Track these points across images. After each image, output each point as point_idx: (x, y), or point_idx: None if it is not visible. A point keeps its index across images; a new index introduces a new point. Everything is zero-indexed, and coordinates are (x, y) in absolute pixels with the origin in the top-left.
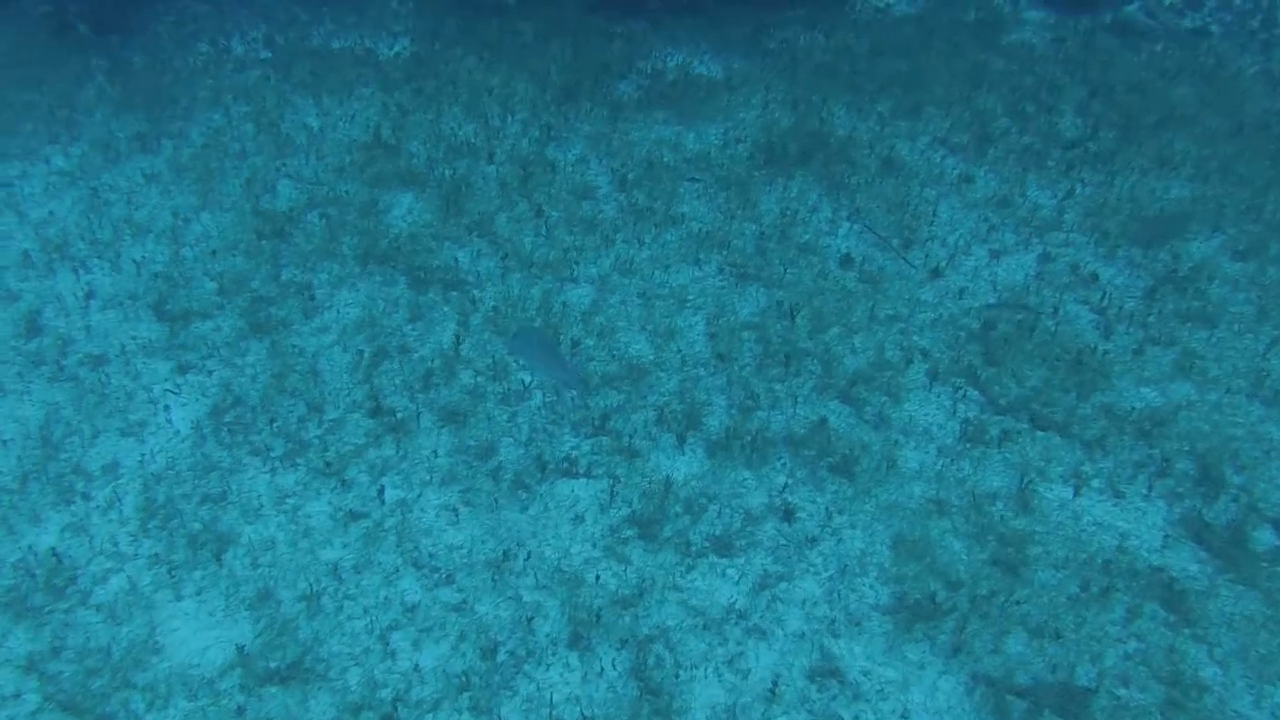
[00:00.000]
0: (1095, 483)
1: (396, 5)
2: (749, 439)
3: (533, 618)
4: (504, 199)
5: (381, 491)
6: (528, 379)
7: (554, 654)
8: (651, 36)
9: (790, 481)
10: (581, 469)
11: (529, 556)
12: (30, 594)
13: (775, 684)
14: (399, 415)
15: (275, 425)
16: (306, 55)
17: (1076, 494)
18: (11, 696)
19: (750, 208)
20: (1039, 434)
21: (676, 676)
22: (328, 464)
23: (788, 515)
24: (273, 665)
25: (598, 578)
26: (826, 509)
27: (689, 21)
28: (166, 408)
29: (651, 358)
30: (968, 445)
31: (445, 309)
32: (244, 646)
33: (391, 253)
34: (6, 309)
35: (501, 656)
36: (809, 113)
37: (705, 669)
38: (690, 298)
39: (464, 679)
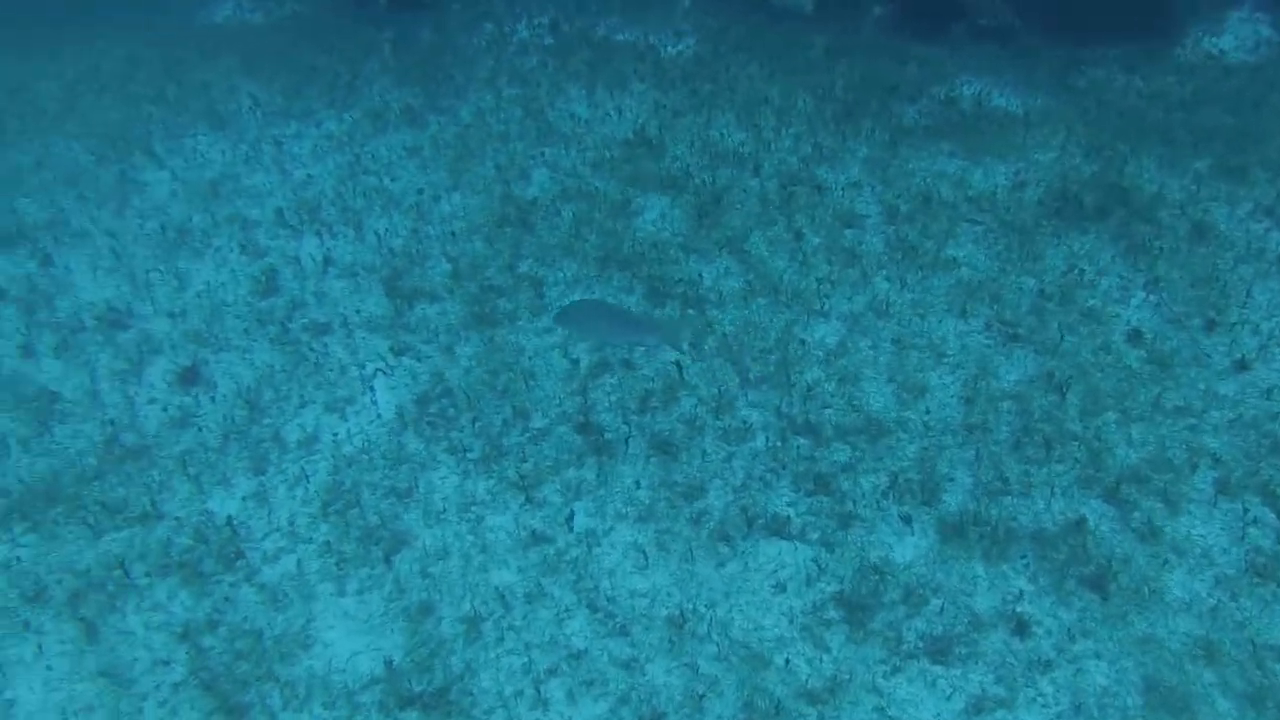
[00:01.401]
0: None
1: (688, 4)
2: (990, 528)
3: (705, 694)
4: (762, 216)
5: (571, 517)
6: (752, 417)
7: None
8: (948, 62)
9: (1030, 588)
10: (793, 530)
11: (715, 621)
12: (203, 559)
13: None
14: (607, 436)
15: (478, 425)
16: (588, 45)
17: None
18: (161, 663)
19: (1032, 260)
20: None
21: None
22: (522, 476)
23: (1021, 628)
24: (417, 689)
25: (788, 661)
26: (1069, 629)
27: (993, 50)
28: (373, 388)
29: (894, 415)
30: (1254, 581)
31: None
32: (393, 661)
33: (634, 258)
34: (250, 265)
35: None
36: (1113, 162)
37: None
38: (949, 353)
39: None
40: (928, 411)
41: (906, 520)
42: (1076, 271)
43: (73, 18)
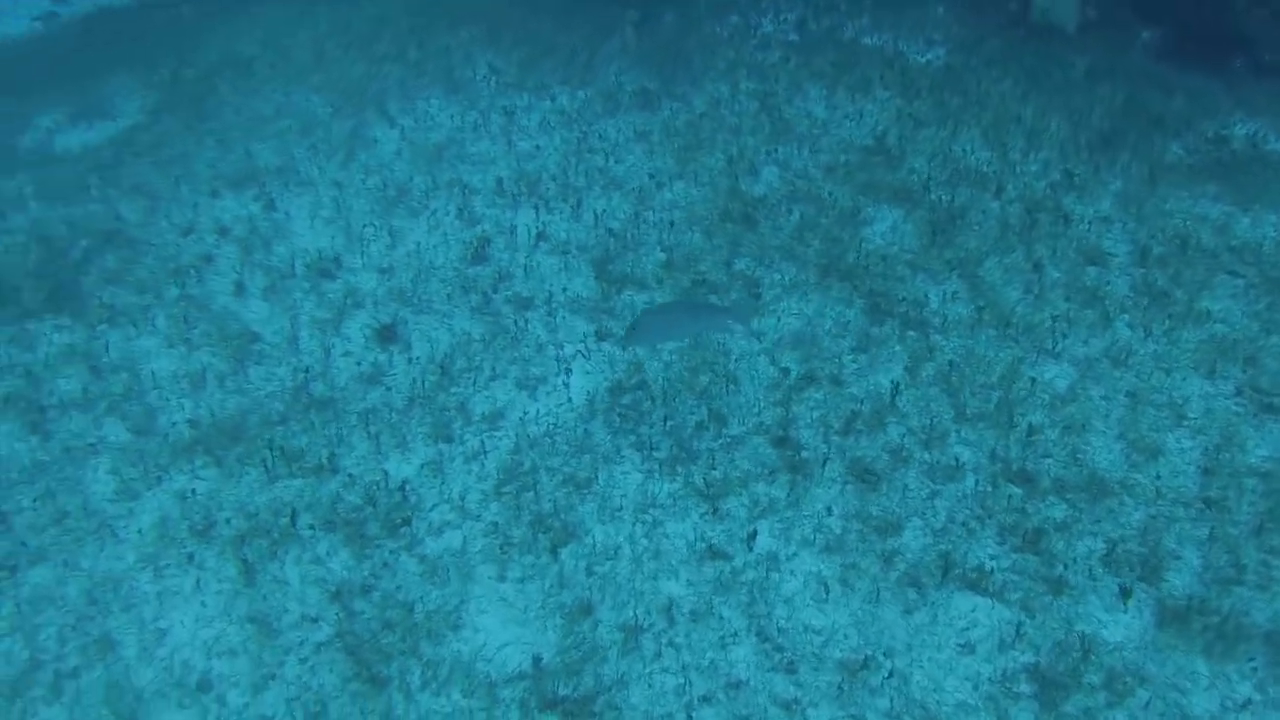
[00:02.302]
0: None
1: (942, 12)
2: (1217, 619)
3: None
4: (1000, 242)
5: (753, 536)
6: (964, 455)
7: None
8: (1222, 97)
9: (1258, 698)
10: (992, 586)
11: (892, 674)
12: (369, 521)
13: None
14: (804, 454)
15: (669, 424)
16: (833, 46)
17: None
18: (310, 619)
19: None
20: None
21: None
22: (708, 485)
23: None
24: (562, 693)
25: None
26: None
27: (1276, 89)
28: (569, 370)
29: (1121, 476)
30: None
31: (897, 348)
32: (541, 659)
33: (857, 270)
34: (463, 230)
35: None
36: None
37: None
38: (1191, 416)
39: None
40: (1159, 477)
41: (1124, 594)
42: None
43: None
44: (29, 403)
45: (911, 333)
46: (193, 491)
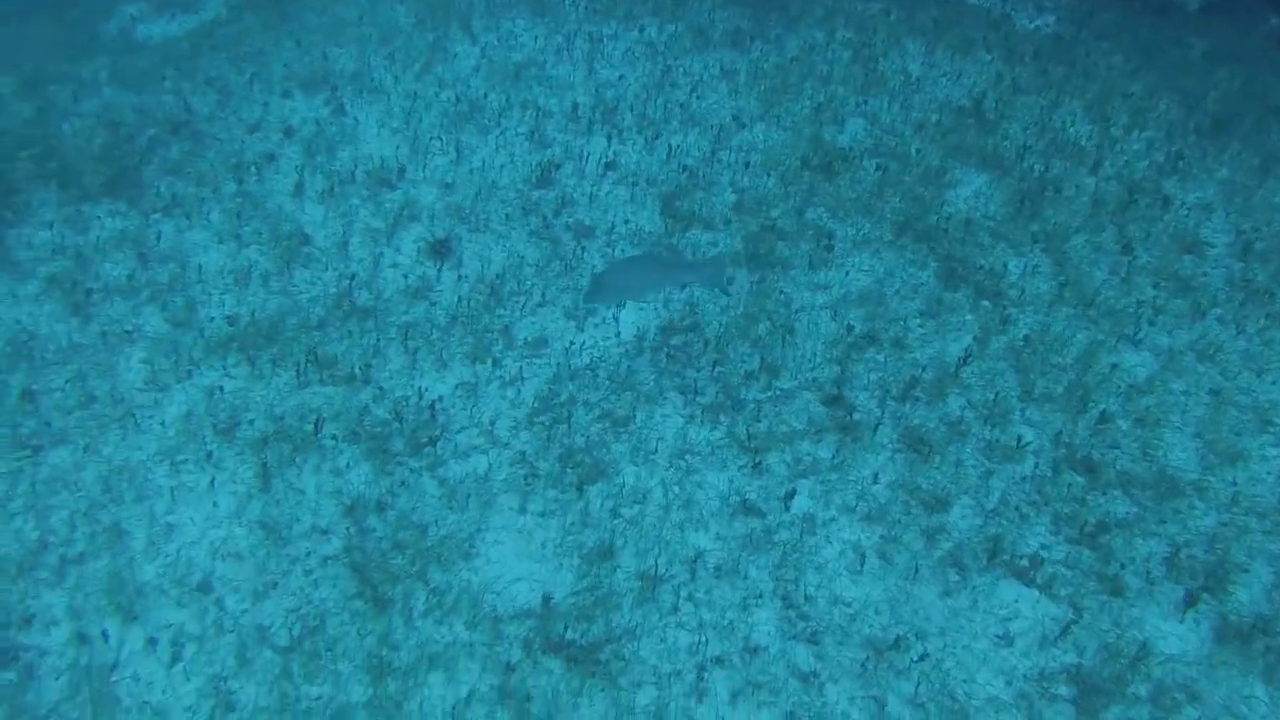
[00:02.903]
0: None
1: None
2: None
3: None
4: (1091, 219)
5: (791, 495)
6: (1026, 436)
7: None
8: None
9: None
10: (1040, 578)
11: (924, 657)
12: (393, 437)
13: None
14: (856, 416)
15: (718, 370)
16: (937, 3)
17: None
18: (320, 531)
19: None
20: None
21: None
22: (751, 437)
23: None
24: (569, 636)
25: None
26: None
27: None
28: (621, 304)
29: (1194, 477)
30: None
31: (968, 317)
32: (552, 599)
33: (935, 232)
34: (532, 153)
35: None
36: None
37: None
38: (1278, 422)
39: None
40: (1235, 483)
41: (1189, 602)
42: None
43: None
44: (74, 284)
45: (985, 302)
46: (221, 389)
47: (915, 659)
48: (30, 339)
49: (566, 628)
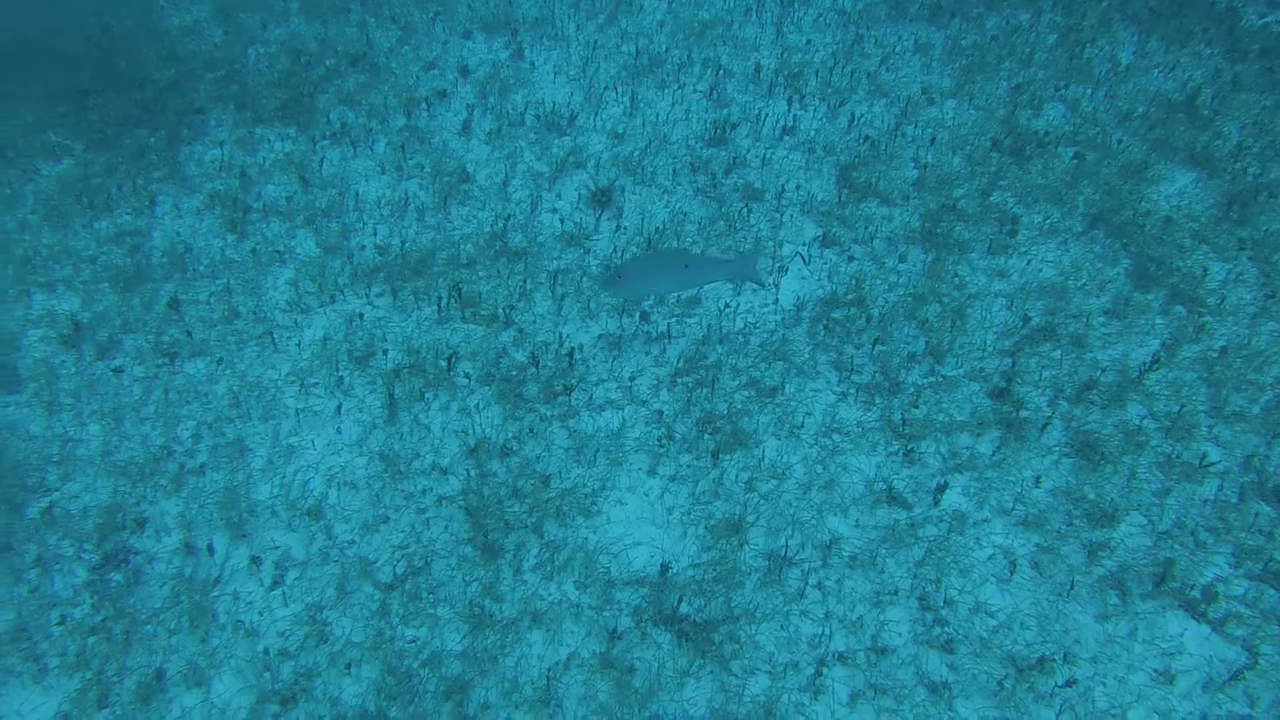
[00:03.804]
0: None
1: None
2: None
3: None
4: None
5: (943, 490)
6: (1212, 456)
7: None
8: None
9: None
10: (1214, 613)
11: (1071, 683)
12: (528, 382)
13: None
14: (1023, 413)
15: (879, 349)
16: None
17: None
18: (440, 470)
19: None
20: None
21: None
22: (906, 423)
23: None
24: (684, 611)
25: None
26: None
27: None
28: (783, 271)
29: None
30: None
31: (1158, 321)
32: (670, 569)
33: (1130, 227)
34: (708, 111)
35: None
36: None
37: None
38: None
39: None
40: None
41: None
42: None
43: None
44: (235, 202)
45: (1180, 307)
46: (361, 316)
47: (1060, 684)
48: (186, 250)
49: (682, 601)
